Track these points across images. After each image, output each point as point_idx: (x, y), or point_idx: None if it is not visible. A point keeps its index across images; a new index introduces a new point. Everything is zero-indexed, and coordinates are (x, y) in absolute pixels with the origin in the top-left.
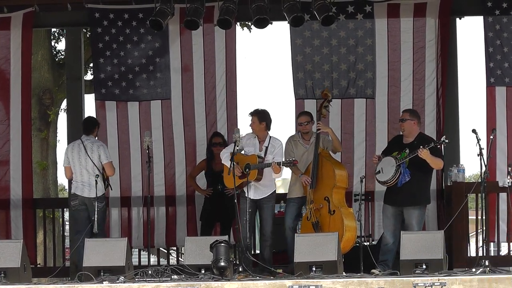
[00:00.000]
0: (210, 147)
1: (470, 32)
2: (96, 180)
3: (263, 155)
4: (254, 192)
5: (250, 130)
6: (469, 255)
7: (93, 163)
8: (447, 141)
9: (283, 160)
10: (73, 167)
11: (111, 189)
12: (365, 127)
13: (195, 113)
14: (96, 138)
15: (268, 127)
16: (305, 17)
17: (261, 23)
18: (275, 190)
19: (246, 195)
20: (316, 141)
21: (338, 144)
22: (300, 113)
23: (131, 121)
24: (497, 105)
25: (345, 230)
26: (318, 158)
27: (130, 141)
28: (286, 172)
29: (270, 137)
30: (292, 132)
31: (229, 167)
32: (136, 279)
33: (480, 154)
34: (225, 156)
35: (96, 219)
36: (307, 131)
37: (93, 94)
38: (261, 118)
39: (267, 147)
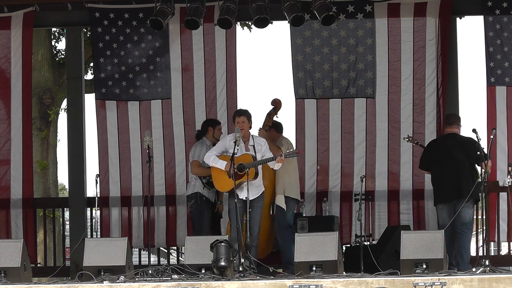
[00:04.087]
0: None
1: (470, 31)
2: (96, 180)
3: (254, 154)
4: (247, 192)
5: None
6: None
7: (190, 163)
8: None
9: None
10: None
11: (209, 189)
12: (365, 126)
13: (195, 113)
14: (206, 138)
15: (251, 126)
16: (305, 16)
17: (262, 23)
18: (263, 190)
19: (239, 197)
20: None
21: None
22: None
23: (132, 121)
24: (497, 105)
25: None
26: None
27: (131, 140)
28: None
29: (252, 135)
30: (291, 131)
31: (223, 168)
32: (137, 279)
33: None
34: (212, 158)
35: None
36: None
37: (94, 94)
38: (249, 117)
39: (253, 146)
